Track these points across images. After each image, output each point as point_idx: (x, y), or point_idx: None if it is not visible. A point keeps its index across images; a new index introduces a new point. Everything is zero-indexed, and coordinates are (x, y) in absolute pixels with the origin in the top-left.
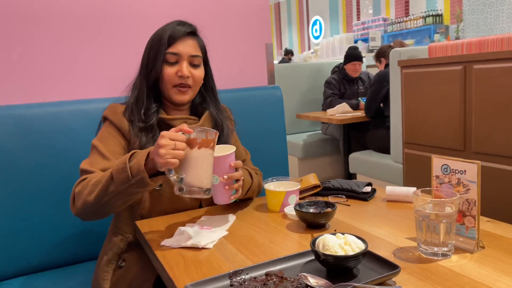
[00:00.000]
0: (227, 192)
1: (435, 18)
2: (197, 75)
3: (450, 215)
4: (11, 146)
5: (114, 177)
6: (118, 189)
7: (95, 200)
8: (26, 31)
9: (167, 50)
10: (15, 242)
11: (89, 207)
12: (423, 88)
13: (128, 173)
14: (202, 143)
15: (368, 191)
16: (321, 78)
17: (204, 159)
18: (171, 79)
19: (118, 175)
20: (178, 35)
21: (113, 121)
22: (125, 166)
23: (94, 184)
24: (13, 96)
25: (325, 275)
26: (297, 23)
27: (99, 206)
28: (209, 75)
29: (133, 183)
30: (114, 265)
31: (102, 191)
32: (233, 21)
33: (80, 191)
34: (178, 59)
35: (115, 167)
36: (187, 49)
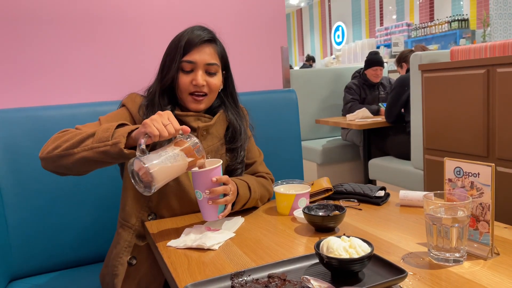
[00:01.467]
0: (211, 208)
1: (460, 23)
2: (213, 83)
3: (462, 220)
4: (28, 147)
5: (96, 133)
6: (92, 145)
7: (67, 147)
8: (47, 35)
9: (182, 58)
10: (30, 242)
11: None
12: (444, 93)
13: (110, 134)
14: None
15: (382, 195)
16: (341, 84)
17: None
18: (186, 87)
19: (101, 133)
20: (195, 43)
21: (129, 108)
22: (111, 127)
23: (74, 135)
24: (31, 99)
25: (329, 278)
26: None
27: (65, 155)
28: (229, 80)
29: (109, 144)
30: (124, 260)
31: (77, 141)
32: (248, 24)
33: (58, 137)
34: (193, 68)
35: (102, 127)
36: (203, 57)
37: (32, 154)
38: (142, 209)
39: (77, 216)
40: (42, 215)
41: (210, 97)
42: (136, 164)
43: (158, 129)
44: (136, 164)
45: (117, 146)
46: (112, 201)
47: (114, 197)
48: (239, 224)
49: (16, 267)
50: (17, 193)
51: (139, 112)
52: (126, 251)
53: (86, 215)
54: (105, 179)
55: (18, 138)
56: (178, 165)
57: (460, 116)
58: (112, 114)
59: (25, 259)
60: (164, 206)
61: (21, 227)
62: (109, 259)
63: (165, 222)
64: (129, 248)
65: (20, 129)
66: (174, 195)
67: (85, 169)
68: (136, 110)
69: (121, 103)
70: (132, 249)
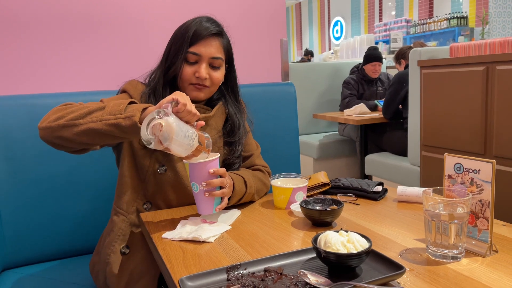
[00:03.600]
0: (208, 200)
1: (459, 20)
2: (215, 77)
3: (461, 216)
4: (22, 135)
5: (107, 107)
6: (102, 117)
7: (71, 117)
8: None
9: (188, 49)
10: (23, 231)
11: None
12: (443, 89)
13: (123, 108)
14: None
15: (379, 190)
16: (339, 79)
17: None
18: (189, 78)
19: (112, 106)
20: (203, 35)
21: (131, 94)
22: (124, 102)
23: (80, 107)
24: (25, 86)
25: (326, 273)
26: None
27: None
28: (232, 74)
29: (121, 117)
30: (116, 249)
31: (85, 113)
32: (248, 16)
33: (61, 108)
34: (198, 59)
35: (112, 102)
36: (209, 51)
37: (26, 142)
38: (138, 198)
39: (71, 205)
40: (36, 204)
41: (211, 89)
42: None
43: (187, 102)
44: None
45: (132, 119)
46: (107, 191)
47: (109, 187)
48: (235, 217)
49: (9, 256)
50: (10, 182)
51: (141, 99)
52: (120, 239)
53: (80, 205)
54: (100, 169)
55: (12, 126)
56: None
57: (458, 113)
58: (114, 98)
59: (18, 248)
60: (160, 197)
61: (14, 216)
62: (100, 247)
63: (160, 213)
64: (123, 236)
65: (14, 116)
66: (171, 186)
67: (86, 142)
68: (137, 97)
69: (121, 89)
70: (126, 238)
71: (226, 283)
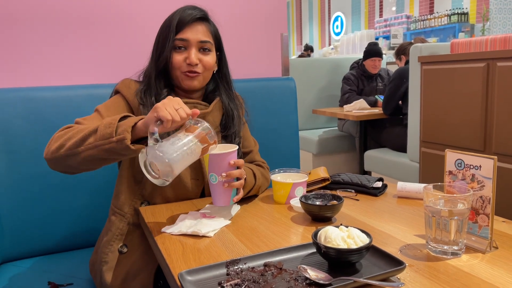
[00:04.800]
0: (226, 191)
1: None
2: (206, 61)
3: (462, 212)
4: (20, 128)
5: (99, 130)
6: (96, 143)
7: (70, 146)
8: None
9: (175, 36)
10: (22, 225)
11: (60, 153)
12: (443, 86)
13: (113, 129)
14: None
15: (379, 186)
16: (339, 74)
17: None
18: (180, 66)
19: (103, 129)
20: (187, 21)
21: (125, 95)
22: (113, 122)
23: (76, 132)
24: (24, 79)
25: (326, 268)
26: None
27: (70, 155)
28: (223, 61)
29: (113, 141)
30: (114, 248)
31: (80, 139)
32: (248, 10)
33: (60, 135)
34: (186, 45)
35: (104, 121)
36: (196, 35)
37: (25, 135)
38: (136, 197)
39: (70, 199)
40: (34, 197)
41: (205, 76)
42: (150, 154)
43: (171, 113)
44: (151, 154)
45: (123, 143)
46: (105, 186)
47: (108, 183)
48: (235, 212)
49: (7, 249)
50: (9, 175)
51: (137, 97)
52: (118, 239)
53: (79, 199)
54: None
55: (11, 119)
56: (193, 152)
57: (458, 109)
58: (108, 103)
59: (16, 242)
60: (159, 195)
61: (13, 209)
62: (99, 246)
63: (159, 208)
64: (120, 236)
65: (13, 109)
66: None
67: (93, 167)
68: (131, 97)
69: (114, 90)
70: (124, 237)
71: (226, 278)
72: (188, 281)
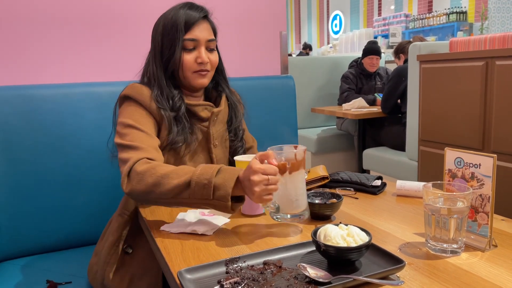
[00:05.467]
0: None
1: (459, 15)
2: (213, 60)
3: (462, 211)
4: (19, 126)
5: (193, 187)
6: (191, 200)
7: (161, 195)
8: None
9: (184, 37)
10: (20, 222)
11: (149, 197)
12: (442, 84)
13: (210, 192)
14: (293, 167)
15: (378, 185)
16: (338, 73)
17: (296, 183)
18: (191, 66)
19: (198, 189)
20: (194, 20)
21: (140, 101)
22: (209, 184)
23: (162, 177)
24: (22, 77)
25: (326, 267)
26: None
27: (161, 201)
28: (219, 57)
29: (210, 204)
30: (120, 249)
31: (172, 192)
32: (247, 9)
33: (144, 174)
34: (196, 45)
35: (196, 178)
36: (204, 34)
37: (23, 133)
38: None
39: (68, 197)
40: (33, 195)
41: (211, 73)
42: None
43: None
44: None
45: (224, 208)
46: (104, 183)
47: (106, 180)
48: None
49: (6, 247)
50: (8, 173)
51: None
52: (123, 240)
53: (77, 197)
54: (97, 162)
55: (9, 117)
56: (300, 184)
57: (456, 108)
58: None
59: (15, 240)
60: None
61: (11, 207)
62: (101, 248)
63: (159, 206)
64: (127, 237)
65: (11, 107)
66: None
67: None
68: (147, 101)
69: (122, 96)
70: (129, 238)
71: (225, 276)
72: (188, 279)
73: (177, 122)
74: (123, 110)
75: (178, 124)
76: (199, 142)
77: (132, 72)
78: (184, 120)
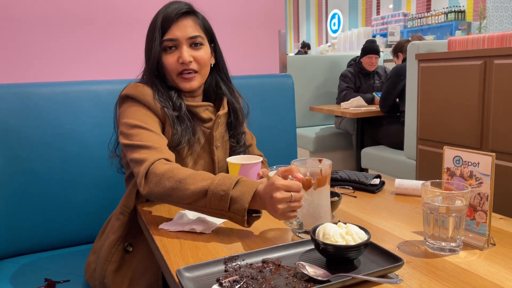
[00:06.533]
0: None
1: (457, 14)
2: (200, 56)
3: (460, 209)
4: (18, 124)
5: (209, 197)
6: (206, 210)
7: (177, 200)
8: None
9: (163, 38)
10: (18, 221)
11: (165, 200)
12: (440, 83)
13: (226, 204)
14: (318, 183)
15: (377, 183)
16: (336, 71)
17: (321, 200)
18: (174, 68)
19: (215, 199)
20: (172, 18)
21: (143, 101)
22: (226, 195)
23: (179, 181)
24: (20, 75)
25: (324, 265)
26: (315, 16)
27: (176, 203)
28: (218, 53)
29: (226, 216)
30: (121, 248)
31: (189, 198)
32: (246, 7)
33: (162, 177)
34: (176, 44)
35: (213, 188)
36: (185, 32)
37: (21, 131)
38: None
39: (66, 195)
40: (31, 193)
41: (202, 73)
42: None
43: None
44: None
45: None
46: (102, 181)
47: (104, 177)
48: None
49: (4, 246)
50: (6, 171)
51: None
52: (124, 238)
53: (76, 196)
54: (95, 159)
55: (7, 115)
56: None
57: (455, 107)
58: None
59: (13, 239)
60: None
61: (9, 205)
62: (100, 246)
63: (158, 205)
64: (127, 234)
65: (9, 105)
66: None
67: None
68: (150, 101)
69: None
70: (130, 236)
71: (224, 274)
72: (186, 277)
73: (180, 122)
74: (125, 110)
75: (182, 124)
76: (202, 145)
77: (131, 70)
78: (187, 120)
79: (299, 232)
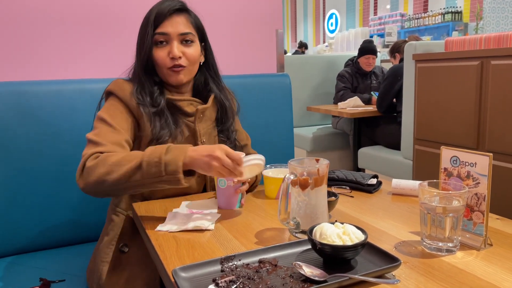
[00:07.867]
0: (236, 196)
1: (454, 15)
2: (190, 53)
3: (457, 209)
4: (11, 123)
5: (144, 168)
6: (144, 181)
7: (114, 182)
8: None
9: (155, 31)
10: (12, 220)
11: (103, 186)
12: (437, 83)
13: (161, 169)
14: (316, 182)
15: (374, 183)
16: (334, 71)
17: (318, 200)
18: (164, 62)
19: (149, 167)
20: (165, 13)
21: (120, 97)
22: (159, 161)
23: (113, 165)
24: (15, 73)
25: (321, 265)
26: (313, 16)
27: (115, 189)
28: (209, 52)
29: (164, 180)
30: (115, 247)
31: (124, 176)
32: (244, 7)
33: (94, 167)
34: (167, 39)
35: (147, 158)
36: (176, 28)
37: (16, 129)
38: (135, 197)
39: (63, 194)
40: (27, 192)
41: (191, 69)
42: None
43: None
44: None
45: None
46: None
47: None
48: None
49: (0, 245)
50: (1, 170)
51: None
52: (118, 238)
53: (71, 195)
54: None
55: (2, 113)
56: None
57: (452, 107)
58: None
59: (8, 237)
60: (160, 194)
61: (4, 204)
62: (98, 247)
63: (153, 204)
64: (121, 235)
65: (3, 103)
66: None
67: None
68: (127, 97)
69: (106, 91)
70: (125, 237)
71: (220, 274)
72: (182, 277)
73: (159, 117)
74: (105, 104)
75: (161, 119)
76: (186, 138)
77: (125, 69)
78: (167, 113)
79: (296, 232)
